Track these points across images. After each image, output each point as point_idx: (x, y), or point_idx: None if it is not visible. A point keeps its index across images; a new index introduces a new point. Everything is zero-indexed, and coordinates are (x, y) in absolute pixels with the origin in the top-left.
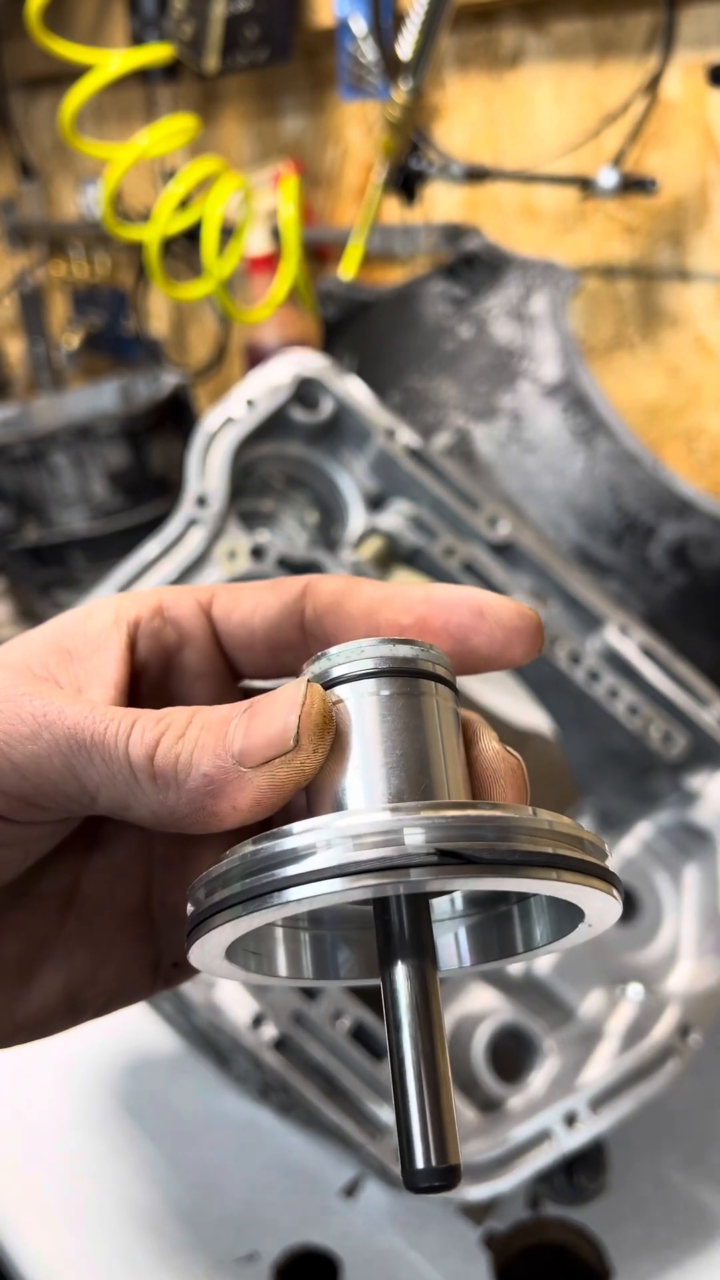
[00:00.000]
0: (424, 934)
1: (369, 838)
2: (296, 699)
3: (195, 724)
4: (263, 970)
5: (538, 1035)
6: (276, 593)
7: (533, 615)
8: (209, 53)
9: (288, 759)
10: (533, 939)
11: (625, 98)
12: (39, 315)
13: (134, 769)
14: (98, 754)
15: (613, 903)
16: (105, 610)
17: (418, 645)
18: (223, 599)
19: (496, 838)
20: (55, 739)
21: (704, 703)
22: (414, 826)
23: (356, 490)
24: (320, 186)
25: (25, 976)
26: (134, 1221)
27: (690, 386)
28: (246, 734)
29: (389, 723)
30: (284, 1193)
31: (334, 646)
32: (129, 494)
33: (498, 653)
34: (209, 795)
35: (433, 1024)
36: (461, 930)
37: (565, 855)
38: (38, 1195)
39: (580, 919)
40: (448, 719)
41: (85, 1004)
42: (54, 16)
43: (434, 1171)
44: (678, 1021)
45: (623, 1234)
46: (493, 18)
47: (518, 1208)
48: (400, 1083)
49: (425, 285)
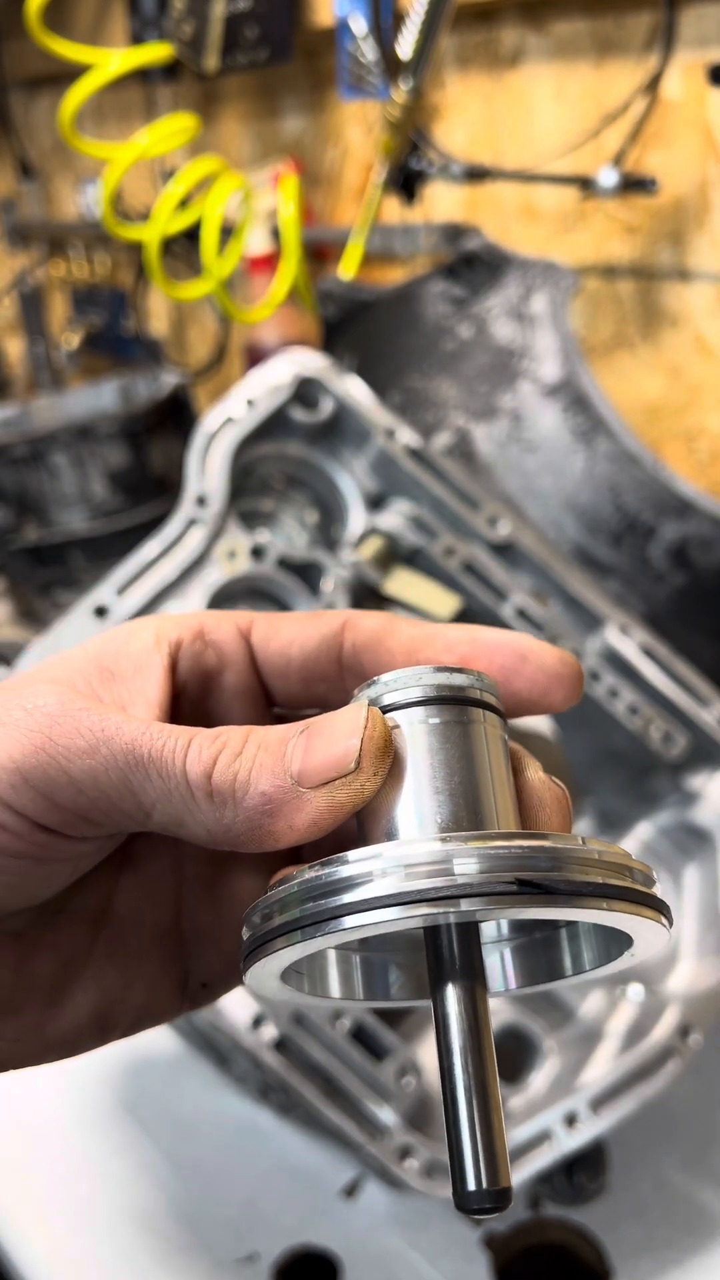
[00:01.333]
0: (474, 959)
1: (423, 866)
2: (358, 722)
3: (252, 743)
4: (315, 991)
5: (538, 1035)
6: (316, 625)
7: (574, 663)
8: (209, 52)
9: (348, 781)
10: (579, 963)
11: (625, 98)
12: (39, 315)
13: (191, 786)
14: (155, 770)
15: (661, 931)
16: (147, 631)
17: (471, 674)
18: (262, 626)
19: (549, 868)
20: (113, 754)
21: (704, 703)
22: (467, 857)
23: (356, 490)
24: (320, 186)
25: (57, 995)
26: (134, 1221)
27: (690, 386)
28: (306, 754)
29: (442, 750)
30: (284, 1193)
31: (387, 673)
32: (129, 494)
33: (538, 697)
34: (266, 814)
35: (483, 1048)
36: (507, 952)
37: (615, 885)
38: (38, 1195)
39: (627, 944)
40: (497, 748)
41: (114, 1023)
42: (54, 16)
43: (485, 1194)
44: (678, 1022)
45: (623, 1234)
46: (493, 17)
47: (518, 1208)
48: (452, 1105)
49: (425, 285)
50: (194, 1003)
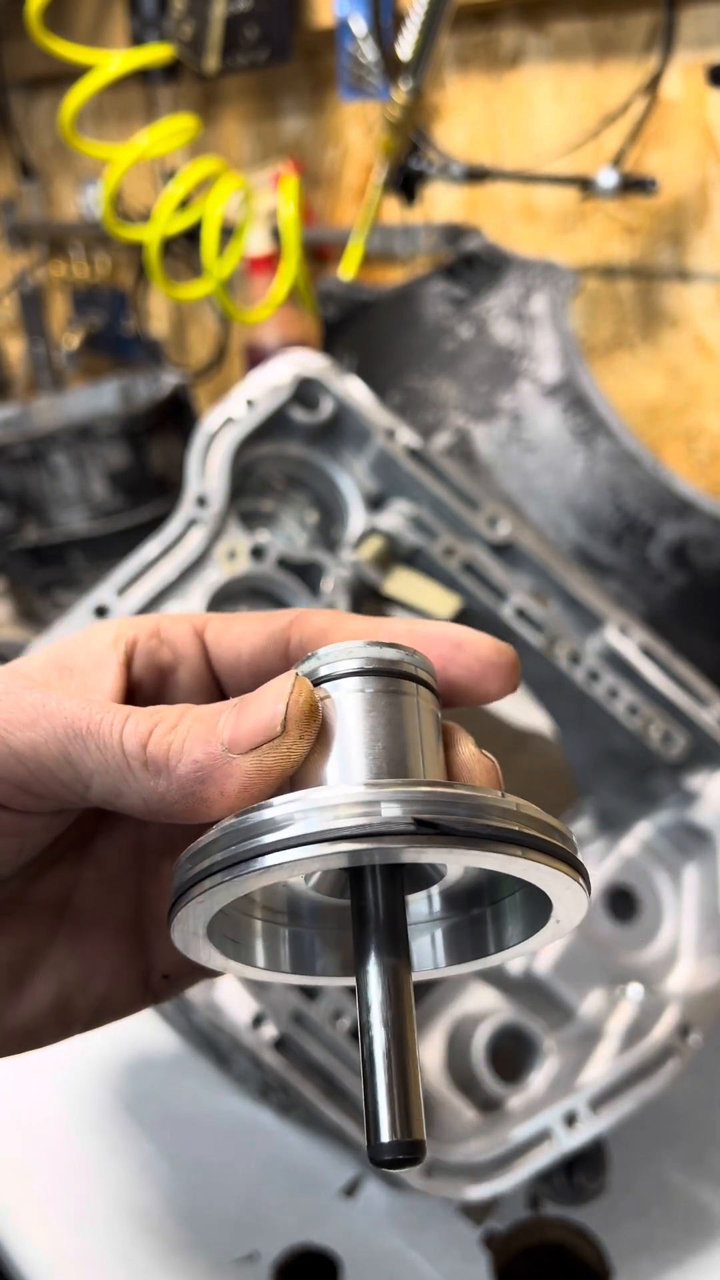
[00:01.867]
0: (398, 917)
1: (346, 807)
2: (284, 689)
3: (188, 717)
4: (241, 959)
5: (538, 1035)
6: (265, 623)
7: (509, 651)
8: (209, 53)
9: (275, 745)
10: (504, 940)
11: (625, 98)
12: (39, 315)
13: (127, 756)
14: (93, 742)
15: (580, 894)
16: (106, 631)
17: (403, 650)
18: (215, 625)
19: (469, 814)
20: (53, 727)
21: (704, 703)
22: (390, 800)
23: (356, 490)
24: (320, 186)
25: (16, 984)
26: (134, 1221)
27: (690, 386)
28: (236, 723)
29: (371, 717)
30: (284, 1193)
31: (322, 648)
32: (129, 494)
33: (474, 684)
34: (199, 781)
35: (403, 1004)
36: (438, 933)
37: (534, 835)
38: (38, 1195)
39: (548, 914)
40: (428, 721)
41: (75, 1014)
42: (54, 16)
43: (399, 1145)
44: (678, 1021)
45: (623, 1234)
46: (493, 18)
47: (518, 1207)
48: (369, 1059)
49: (425, 285)
50: (156, 995)
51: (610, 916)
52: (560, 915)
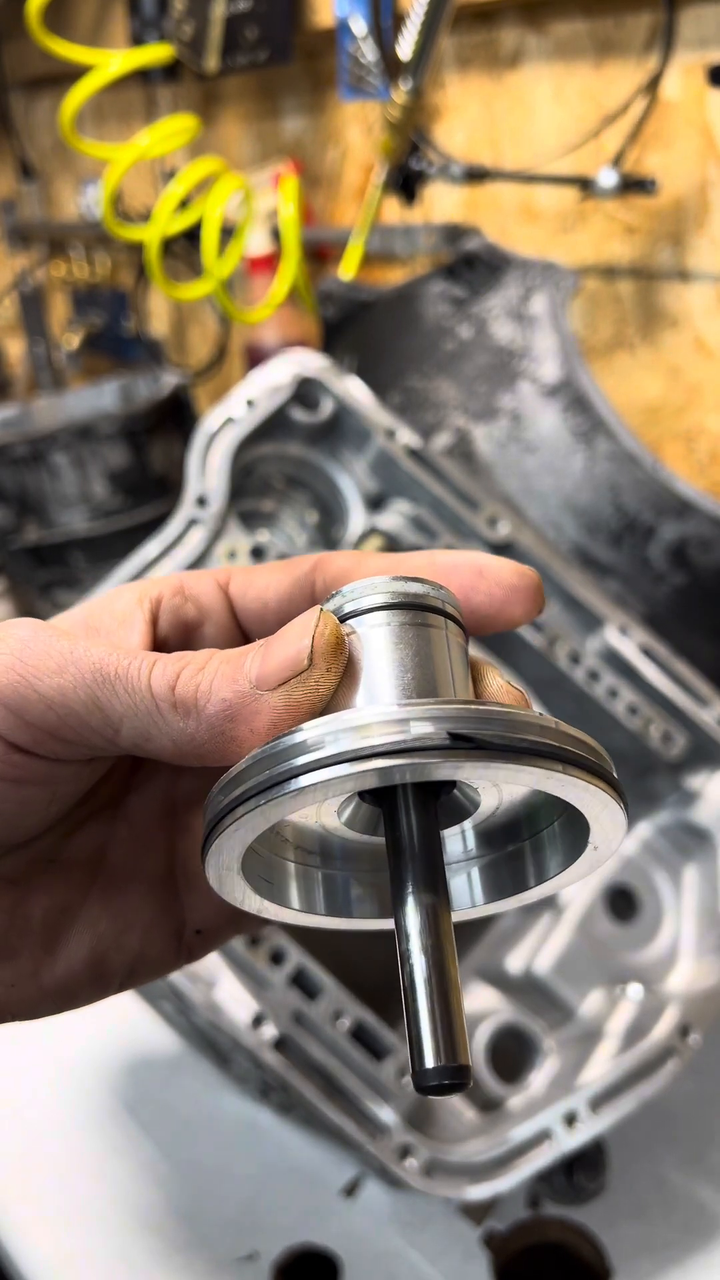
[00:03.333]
0: (434, 846)
1: (380, 725)
2: (309, 624)
3: (215, 659)
4: (275, 899)
5: (537, 1035)
6: (289, 569)
7: (531, 574)
8: (209, 53)
9: (302, 679)
10: (544, 871)
11: (625, 98)
12: (39, 315)
13: (156, 698)
14: (121, 686)
15: (617, 813)
16: (130, 592)
17: (428, 584)
18: (239, 577)
19: (504, 728)
20: (81, 673)
21: (704, 703)
22: (424, 717)
23: (356, 490)
24: (320, 186)
25: (51, 942)
26: (134, 1221)
27: (690, 386)
28: (263, 661)
29: (399, 650)
30: (284, 1193)
31: (347, 585)
32: (129, 494)
33: (497, 610)
34: (228, 719)
35: (440, 932)
36: (475, 871)
37: (570, 750)
38: (38, 1195)
39: (585, 842)
40: (457, 653)
41: (111, 972)
42: (54, 17)
43: (444, 1070)
44: (677, 1021)
45: (623, 1234)
46: (493, 18)
47: (517, 1207)
48: (410, 986)
49: (425, 285)
50: (190, 952)
51: (610, 916)
52: (598, 840)
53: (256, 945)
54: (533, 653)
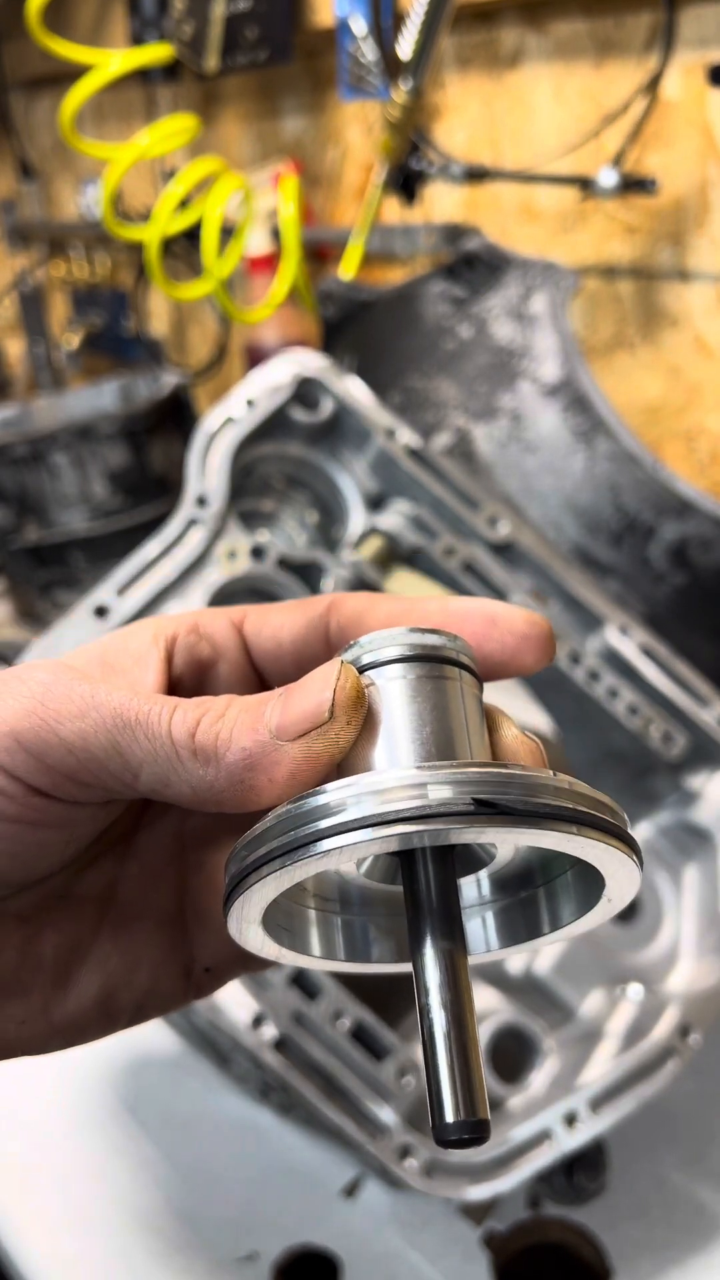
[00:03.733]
0: (451, 900)
1: (402, 790)
2: (331, 676)
3: (235, 706)
4: (296, 948)
5: (538, 1035)
6: (303, 610)
7: (543, 623)
8: (209, 53)
9: (323, 731)
10: (558, 919)
11: (625, 98)
12: (39, 315)
13: (176, 745)
14: (141, 732)
15: (633, 870)
16: (145, 630)
17: (444, 635)
18: (254, 617)
19: (524, 793)
20: (102, 718)
21: (704, 703)
22: (445, 782)
23: (356, 490)
24: (320, 186)
25: (62, 978)
26: (134, 1221)
27: (690, 386)
28: (284, 710)
29: (416, 703)
30: (284, 1193)
31: (365, 636)
32: (129, 494)
33: (509, 659)
34: (247, 769)
35: (459, 985)
36: (489, 915)
37: (589, 813)
38: (38, 1195)
39: (600, 893)
40: (472, 705)
41: (120, 1008)
42: (54, 16)
43: (464, 1125)
44: (678, 1021)
45: (623, 1234)
46: (493, 18)
47: (518, 1207)
48: (430, 1040)
49: (425, 285)
50: (199, 989)
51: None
52: (613, 893)
53: None
54: None
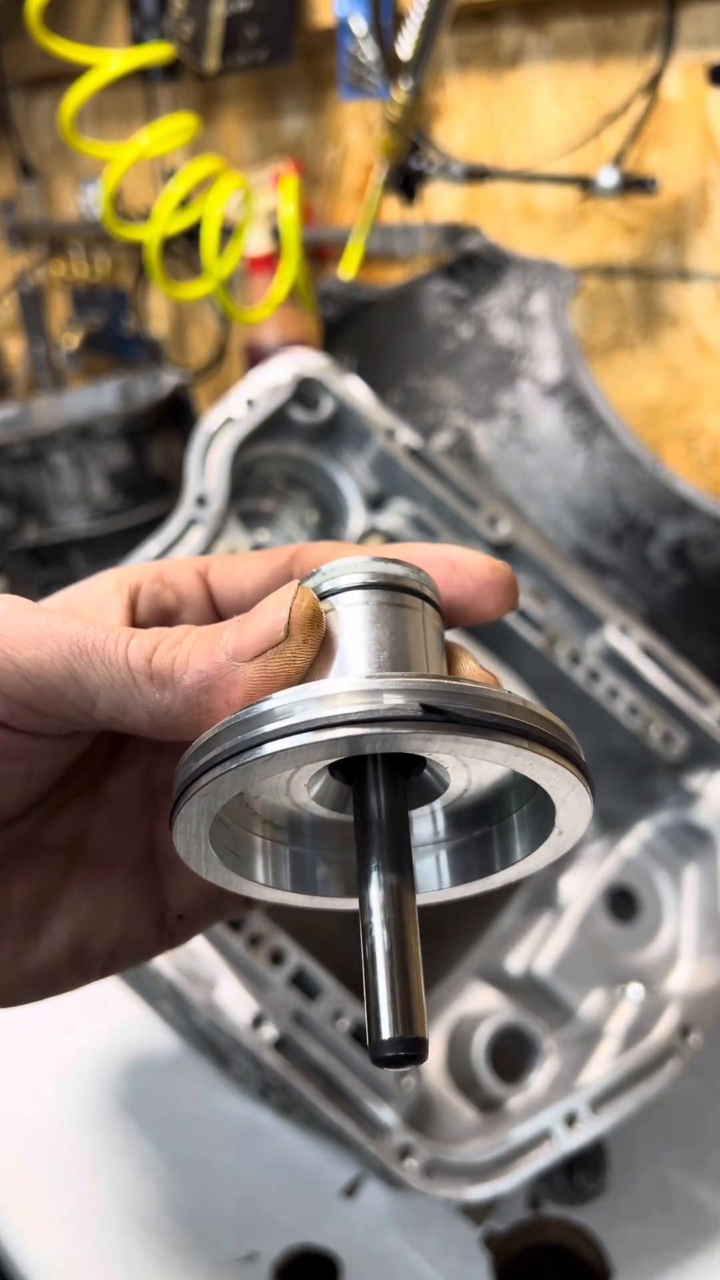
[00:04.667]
0: (401, 822)
1: (350, 695)
2: (287, 597)
3: (192, 633)
4: (242, 872)
5: (538, 1035)
6: (267, 559)
7: (504, 568)
8: (209, 52)
9: (279, 650)
10: (510, 856)
11: (625, 98)
12: (39, 315)
13: (132, 670)
14: (98, 658)
15: (583, 796)
16: (109, 577)
17: (407, 566)
18: (218, 566)
19: (475, 703)
20: (58, 645)
21: (704, 703)
22: (395, 690)
23: (356, 490)
24: (320, 186)
25: (32, 927)
26: (134, 1221)
27: (690, 386)
28: (240, 633)
29: (376, 628)
30: (284, 1193)
31: (327, 564)
32: (129, 494)
33: (470, 603)
34: (204, 691)
35: (404, 906)
36: (443, 854)
37: (539, 729)
38: (38, 1195)
39: (552, 827)
40: (433, 635)
41: (92, 957)
42: (54, 16)
43: (401, 1041)
44: (678, 1022)
45: (623, 1234)
46: (493, 18)
47: (518, 1208)
48: (370, 958)
49: (425, 285)
50: (172, 937)
51: (610, 917)
52: (564, 824)
53: (257, 945)
54: (533, 653)
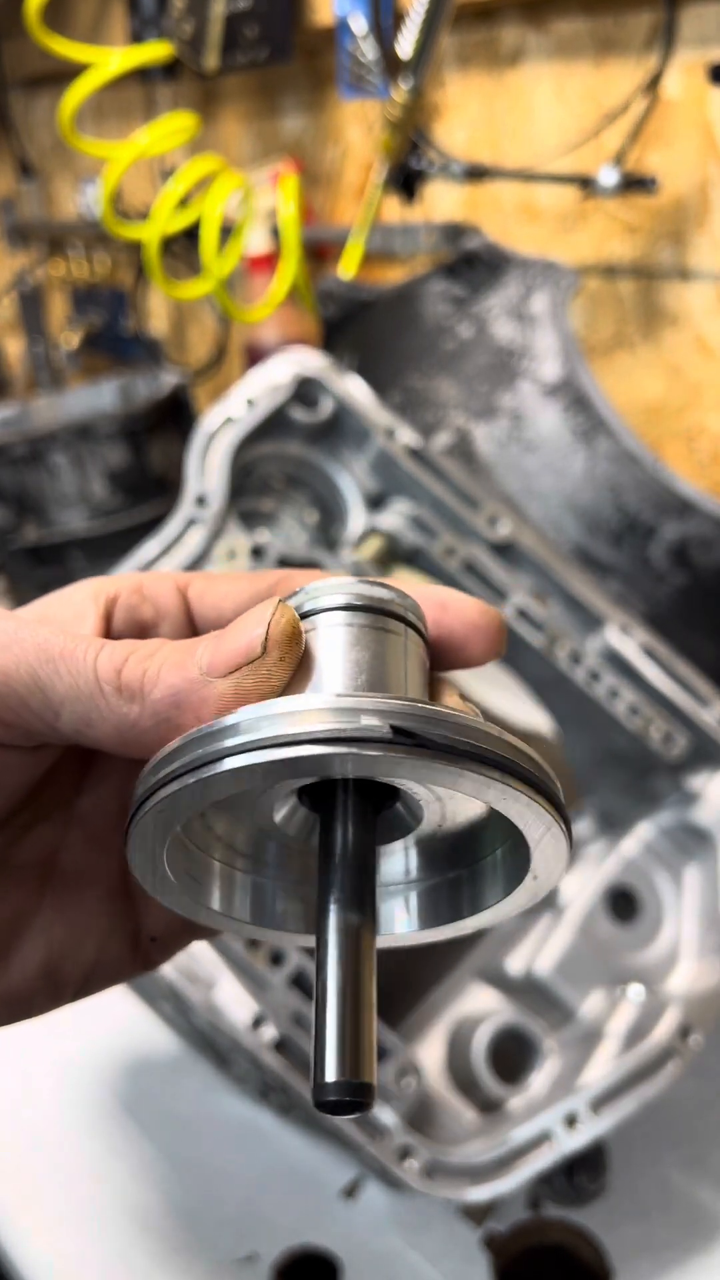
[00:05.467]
0: (367, 855)
1: (315, 713)
2: (266, 613)
3: (166, 647)
4: (198, 898)
5: (538, 1036)
6: (250, 582)
7: (494, 614)
8: (209, 51)
9: (254, 667)
10: (480, 902)
11: (625, 97)
12: (38, 315)
13: (100, 680)
14: (65, 666)
15: (560, 841)
16: (86, 586)
17: (393, 590)
18: (199, 583)
19: (450, 730)
20: (24, 650)
21: (704, 703)
22: (367, 710)
23: (356, 490)
24: (320, 185)
25: (3, 950)
26: (134, 1221)
27: (690, 386)
28: (215, 649)
29: (356, 651)
30: (284, 1193)
31: (311, 583)
32: (128, 494)
33: (459, 647)
34: (173, 706)
35: (362, 943)
36: (413, 895)
37: (514, 761)
38: (38, 1195)
39: (526, 870)
40: (415, 662)
41: (66, 980)
42: (54, 15)
43: (345, 1085)
44: (678, 1022)
45: (623, 1235)
46: (493, 16)
47: (518, 1208)
48: (321, 995)
49: (425, 284)
50: (147, 960)
51: (611, 917)
52: (539, 868)
53: (256, 946)
54: (533, 653)
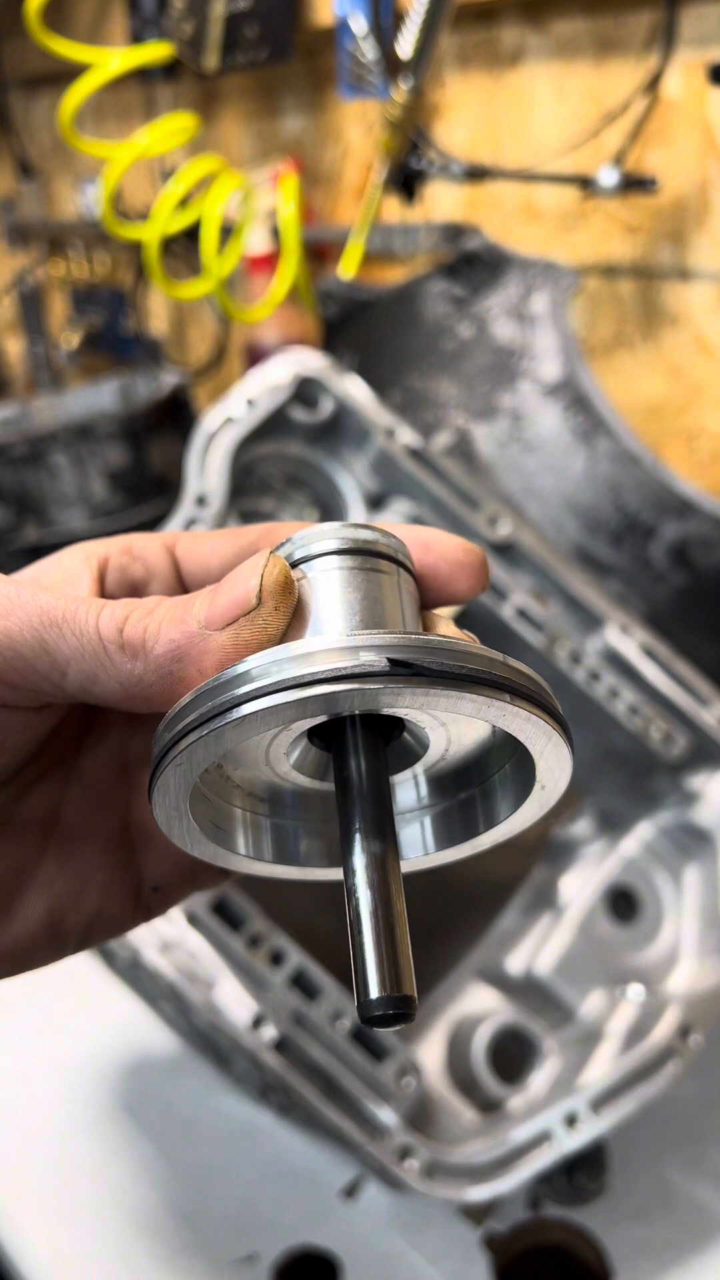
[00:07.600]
0: (382, 783)
1: (323, 654)
2: (259, 565)
3: (164, 604)
4: (223, 844)
5: (538, 1036)
6: (235, 538)
7: (476, 551)
8: (209, 51)
9: (251, 618)
10: (493, 818)
11: (625, 97)
12: (38, 315)
13: (103, 640)
14: (68, 628)
15: (562, 748)
16: (77, 550)
17: (379, 531)
18: (186, 541)
19: (446, 657)
20: (28, 615)
21: (704, 703)
22: (366, 646)
23: (356, 490)
24: (320, 185)
25: (7, 903)
26: (134, 1221)
27: (690, 386)
28: (212, 602)
29: (349, 593)
30: (284, 1193)
31: (298, 532)
32: (128, 494)
33: (443, 584)
34: (175, 660)
35: (387, 866)
36: (427, 820)
37: (511, 680)
38: (38, 1195)
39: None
40: (408, 599)
41: (68, 932)
42: (53, 15)
43: (390, 1000)
44: (678, 1022)
45: (623, 1235)
46: (493, 16)
47: (518, 1208)
48: (356, 919)
49: (425, 285)
50: (148, 910)
51: (611, 917)
52: (545, 778)
53: (256, 946)
54: (533, 653)
